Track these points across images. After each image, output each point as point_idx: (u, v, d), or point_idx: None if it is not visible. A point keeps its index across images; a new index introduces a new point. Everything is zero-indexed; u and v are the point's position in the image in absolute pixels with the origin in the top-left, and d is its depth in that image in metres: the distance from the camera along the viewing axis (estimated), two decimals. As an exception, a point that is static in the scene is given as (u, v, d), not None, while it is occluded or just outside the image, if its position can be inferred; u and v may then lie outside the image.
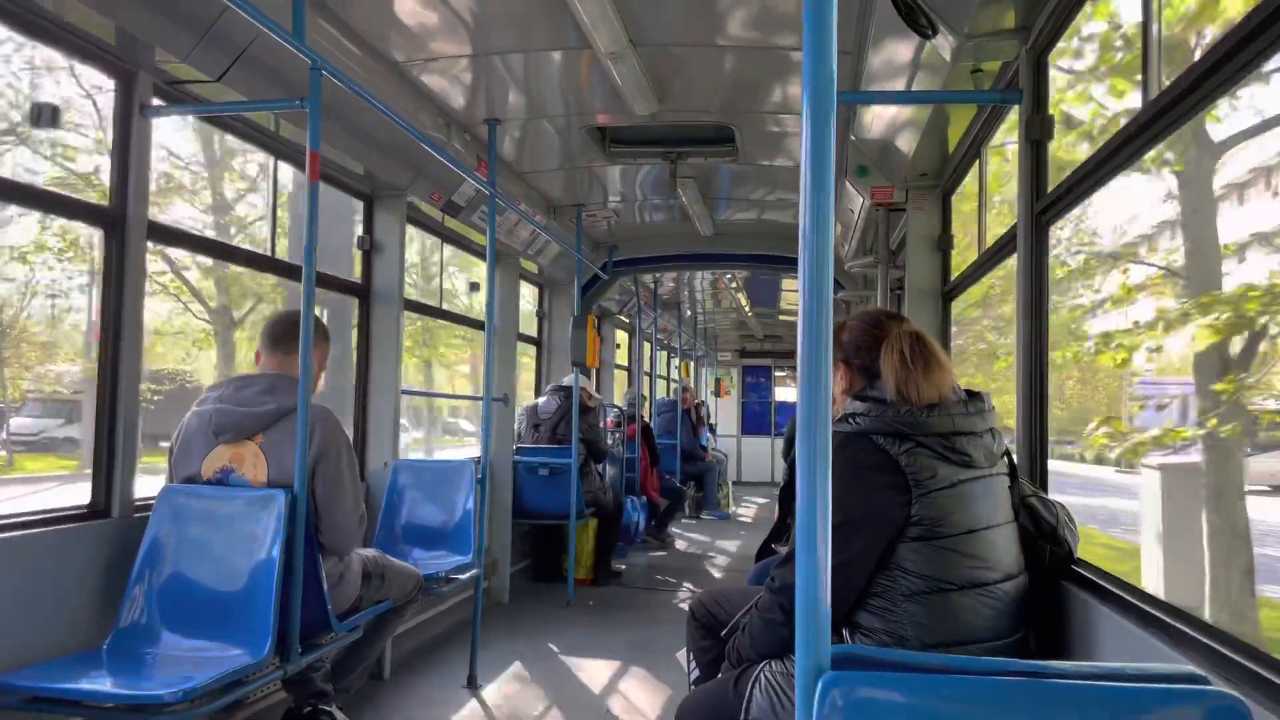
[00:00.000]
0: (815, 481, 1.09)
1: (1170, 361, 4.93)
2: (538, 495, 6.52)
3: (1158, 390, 6.74)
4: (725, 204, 6.69)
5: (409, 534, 4.51)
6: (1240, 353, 3.52)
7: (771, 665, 2.17)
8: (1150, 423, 7.61)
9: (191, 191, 11.29)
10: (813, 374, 1.11)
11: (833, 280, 1.15)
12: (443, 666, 4.56)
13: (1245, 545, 3.54)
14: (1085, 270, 5.46)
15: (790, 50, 3.87)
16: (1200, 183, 3.60)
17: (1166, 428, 5.96)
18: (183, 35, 2.91)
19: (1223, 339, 3.45)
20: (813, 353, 1.11)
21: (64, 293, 11.49)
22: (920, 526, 1.98)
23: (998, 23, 2.77)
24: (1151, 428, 6.55)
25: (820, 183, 1.13)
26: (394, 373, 4.74)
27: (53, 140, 8.54)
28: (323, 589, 2.99)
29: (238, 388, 3.05)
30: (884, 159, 4.33)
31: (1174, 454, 4.92)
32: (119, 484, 3.00)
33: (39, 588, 2.67)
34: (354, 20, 3.59)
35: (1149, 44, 2.14)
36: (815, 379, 1.11)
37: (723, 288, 10.91)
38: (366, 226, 4.81)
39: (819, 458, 1.10)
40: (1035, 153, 2.78)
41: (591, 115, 4.77)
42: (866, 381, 2.23)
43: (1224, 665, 1.49)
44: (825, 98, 1.12)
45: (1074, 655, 2.11)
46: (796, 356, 5.03)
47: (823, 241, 1.12)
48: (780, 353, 17.45)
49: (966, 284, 3.99)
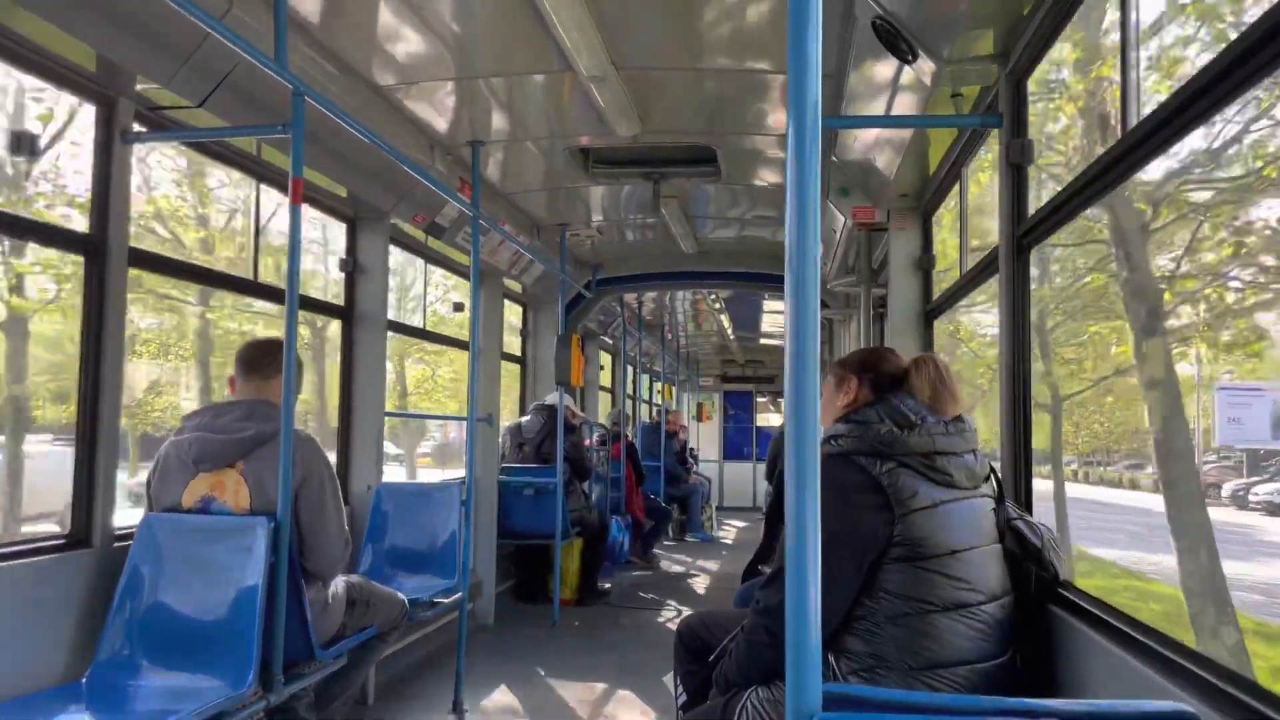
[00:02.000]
0: (805, 516, 1.09)
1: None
2: (523, 515, 6.49)
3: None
4: (707, 222, 6.72)
5: (393, 558, 4.47)
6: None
7: (759, 692, 2.16)
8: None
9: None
10: (800, 397, 1.09)
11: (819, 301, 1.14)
12: (428, 692, 4.52)
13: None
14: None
15: (769, 73, 3.90)
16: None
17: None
18: (164, 61, 2.89)
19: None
20: (800, 374, 1.09)
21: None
22: (903, 547, 1.99)
23: (977, 48, 2.80)
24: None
25: (805, 206, 1.12)
26: (378, 395, 4.72)
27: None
28: (306, 617, 2.96)
29: (214, 415, 3.02)
30: (865, 179, 4.37)
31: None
32: (99, 513, 2.96)
33: (17, 619, 2.63)
34: (336, 45, 3.59)
35: (1127, 71, 2.17)
36: (803, 402, 1.09)
37: (705, 309, 10.93)
38: (350, 249, 4.79)
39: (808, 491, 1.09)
40: (1016, 176, 2.81)
41: (574, 136, 4.78)
42: (876, 394, 2.25)
43: (1210, 694, 1.49)
44: (810, 122, 1.12)
45: (1060, 678, 2.12)
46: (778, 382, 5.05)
47: (808, 264, 1.11)
48: (761, 378, 17.43)
49: (948, 304, 4.02)
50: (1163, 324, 4.61)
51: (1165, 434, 4.43)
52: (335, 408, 4.82)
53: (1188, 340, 5.45)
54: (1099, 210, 3.76)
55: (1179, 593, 4.27)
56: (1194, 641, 3.87)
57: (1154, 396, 4.57)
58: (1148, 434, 6.96)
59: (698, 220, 6.63)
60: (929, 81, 2.96)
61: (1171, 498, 4.38)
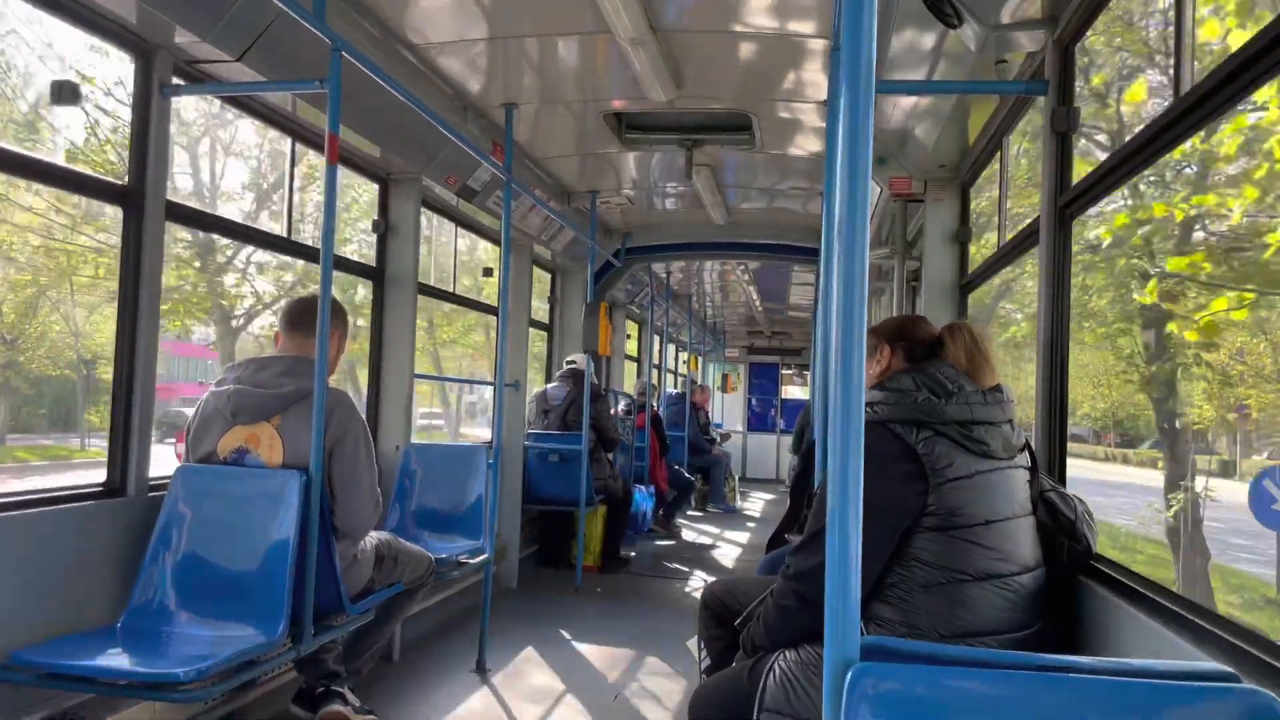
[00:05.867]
0: (848, 475, 1.08)
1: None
2: (547, 481, 6.53)
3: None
4: (738, 192, 6.67)
5: (420, 518, 4.51)
6: None
7: (786, 655, 2.16)
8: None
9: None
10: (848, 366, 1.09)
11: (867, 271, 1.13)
12: (452, 650, 4.57)
13: None
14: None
15: (810, 38, 3.85)
16: None
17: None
18: (204, 15, 2.90)
19: None
20: (847, 343, 1.09)
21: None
22: (936, 516, 1.98)
23: (1025, 12, 2.74)
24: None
25: (856, 174, 1.11)
26: (408, 356, 4.74)
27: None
28: (336, 571, 2.99)
29: (256, 369, 3.06)
30: (903, 149, 4.31)
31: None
32: (135, 463, 3.00)
33: (54, 565, 2.68)
34: (373, 2, 3.58)
35: (1181, 36, 2.12)
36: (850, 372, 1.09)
37: (733, 280, 10.88)
38: (381, 209, 4.80)
39: (852, 453, 1.09)
40: (1060, 145, 2.76)
41: (608, 101, 4.75)
42: (909, 362, 2.23)
43: (1249, 663, 1.48)
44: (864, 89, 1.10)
45: (1091, 650, 2.10)
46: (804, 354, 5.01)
47: (858, 233, 1.11)
48: (788, 350, 17.38)
49: (984, 277, 3.97)
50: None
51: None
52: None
53: None
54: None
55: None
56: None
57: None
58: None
59: (729, 190, 6.58)
60: (974, 47, 2.90)
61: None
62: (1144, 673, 1.13)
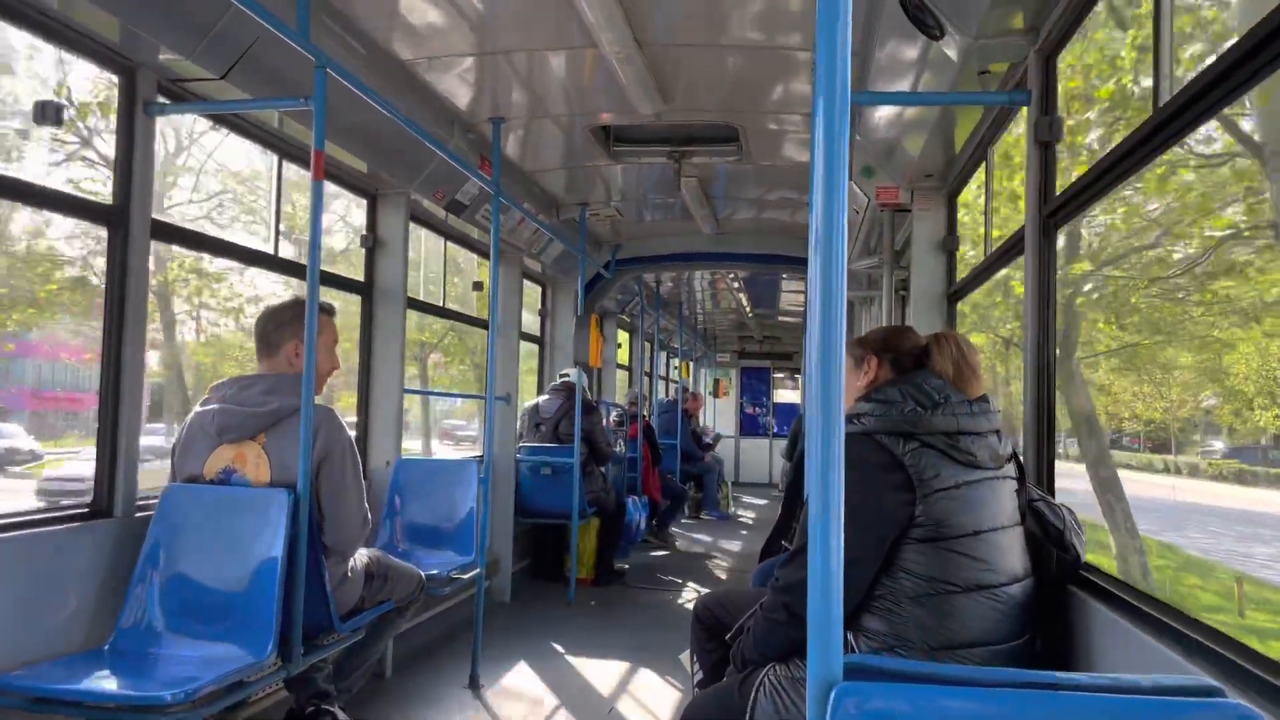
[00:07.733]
0: (829, 490, 1.08)
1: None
2: (540, 494, 6.51)
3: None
4: (727, 203, 6.68)
5: (411, 533, 4.50)
6: None
7: (776, 669, 2.16)
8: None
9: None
10: (826, 380, 1.09)
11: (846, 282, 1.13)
12: (445, 666, 4.55)
13: None
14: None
15: (795, 50, 3.86)
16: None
17: None
18: (188, 33, 2.89)
19: None
20: (826, 356, 1.09)
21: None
22: (924, 528, 1.98)
23: (1006, 24, 2.75)
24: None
25: (833, 184, 1.12)
26: (397, 371, 4.73)
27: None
28: (326, 589, 2.98)
29: (241, 388, 3.04)
30: (889, 159, 4.32)
31: None
32: (121, 483, 2.98)
33: (41, 587, 2.66)
34: (358, 18, 3.58)
35: (1160, 47, 2.13)
36: (829, 386, 1.09)
37: (723, 287, 10.91)
38: (370, 224, 4.79)
39: (832, 469, 1.09)
40: (1043, 155, 2.77)
41: (595, 114, 4.75)
42: (897, 373, 2.24)
43: (1237, 675, 1.48)
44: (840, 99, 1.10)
45: (1080, 661, 2.10)
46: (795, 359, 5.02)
47: (835, 244, 1.11)
48: (779, 355, 17.43)
49: (972, 286, 3.98)
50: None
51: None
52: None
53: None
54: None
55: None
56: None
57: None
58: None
59: (718, 200, 6.59)
60: (956, 58, 2.91)
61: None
62: (1129, 688, 1.13)
